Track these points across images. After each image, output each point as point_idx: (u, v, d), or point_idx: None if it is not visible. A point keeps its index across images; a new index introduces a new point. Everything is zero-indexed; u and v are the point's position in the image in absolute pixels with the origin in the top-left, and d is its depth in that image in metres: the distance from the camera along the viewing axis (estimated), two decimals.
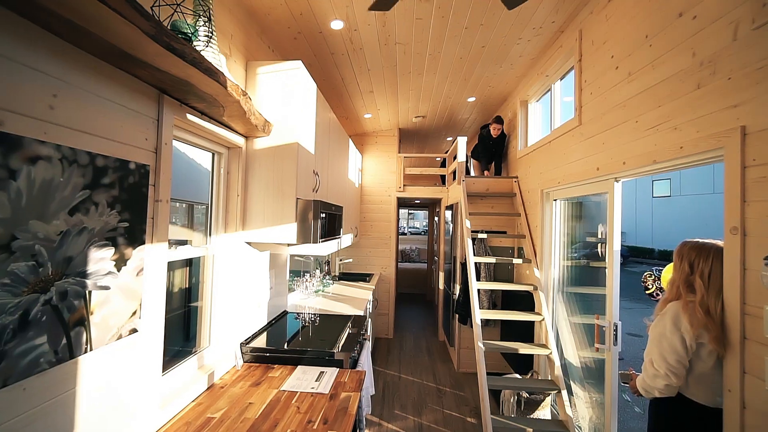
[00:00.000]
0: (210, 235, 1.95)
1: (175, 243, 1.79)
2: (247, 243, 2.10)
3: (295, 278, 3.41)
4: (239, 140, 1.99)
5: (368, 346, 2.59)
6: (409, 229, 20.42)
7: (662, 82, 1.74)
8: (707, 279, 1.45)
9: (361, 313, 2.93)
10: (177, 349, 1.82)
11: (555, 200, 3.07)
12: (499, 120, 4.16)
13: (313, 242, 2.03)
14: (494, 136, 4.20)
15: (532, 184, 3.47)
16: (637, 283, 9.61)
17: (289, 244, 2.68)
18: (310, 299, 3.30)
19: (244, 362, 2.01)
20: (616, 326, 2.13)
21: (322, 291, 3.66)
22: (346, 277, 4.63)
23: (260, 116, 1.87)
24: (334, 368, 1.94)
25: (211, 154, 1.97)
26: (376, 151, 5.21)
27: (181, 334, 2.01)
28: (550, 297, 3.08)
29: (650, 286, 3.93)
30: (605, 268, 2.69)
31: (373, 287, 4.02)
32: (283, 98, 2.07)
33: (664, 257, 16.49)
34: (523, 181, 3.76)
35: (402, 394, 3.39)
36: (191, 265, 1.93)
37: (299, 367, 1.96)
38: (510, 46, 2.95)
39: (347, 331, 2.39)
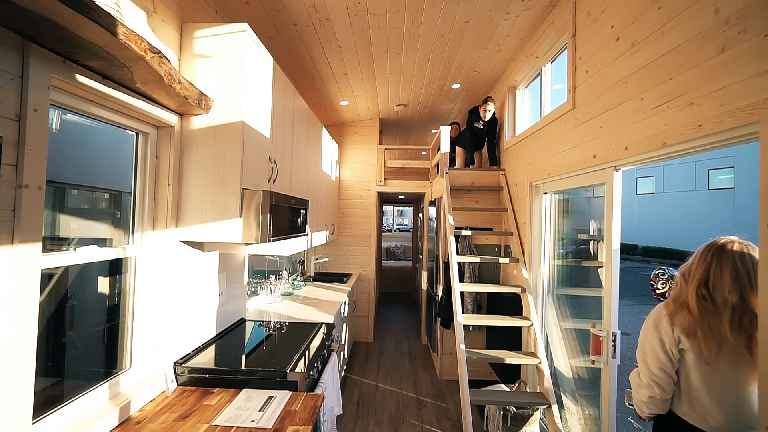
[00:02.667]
0: (132, 233, 1.59)
1: (94, 243, 1.44)
2: (183, 242, 1.75)
3: (261, 280, 3.07)
4: (170, 118, 1.63)
5: (335, 359, 2.27)
6: (398, 226, 20.15)
7: (674, 50, 1.46)
8: (689, 273, 1.28)
9: (331, 319, 2.60)
10: (91, 373, 1.47)
11: (545, 194, 2.80)
12: (488, 99, 3.72)
13: (262, 241, 1.70)
14: (484, 119, 3.75)
15: (520, 176, 3.20)
16: (624, 280, 9.53)
17: (236, 243, 2.34)
18: (276, 304, 2.96)
19: (178, 385, 1.67)
20: (615, 336, 1.86)
21: (292, 294, 3.32)
22: (322, 277, 4.30)
23: (191, 86, 1.52)
24: (287, 392, 1.62)
25: (135, 134, 1.62)
26: (356, 143, 4.87)
27: (98, 356, 1.65)
28: (539, 300, 2.82)
29: (660, 287, 3.68)
30: (600, 267, 2.44)
31: (349, 289, 3.70)
32: (226, 69, 1.72)
33: (648, 254, 16.69)
34: (510, 173, 3.48)
35: (378, 406, 3.09)
36: (124, 271, 1.58)
37: (244, 391, 1.63)
38: (496, 22, 2.65)
39: (311, 342, 2.07)
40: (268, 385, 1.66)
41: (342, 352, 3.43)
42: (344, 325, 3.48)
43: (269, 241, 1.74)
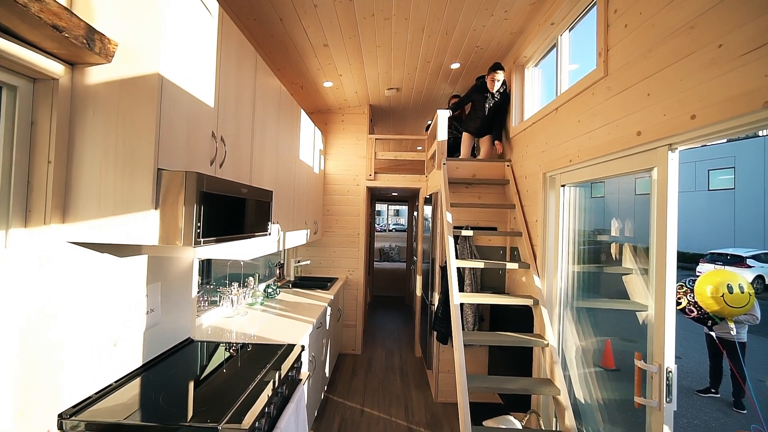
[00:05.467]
0: None
1: None
2: (75, 244, 1.25)
3: (222, 287, 2.57)
4: (52, 67, 1.14)
5: (301, 394, 1.78)
6: (394, 226, 19.64)
7: None
8: None
9: (301, 339, 2.11)
10: None
11: (563, 186, 2.33)
12: (496, 67, 3.06)
13: (186, 243, 1.21)
14: (492, 90, 3.12)
15: (530, 167, 2.72)
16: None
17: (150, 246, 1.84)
18: (239, 317, 2.46)
19: None
20: (671, 372, 1.38)
21: (261, 303, 2.82)
22: (303, 282, 3.80)
23: (67, 15, 1.02)
24: None
25: None
26: (343, 132, 4.37)
27: None
28: (555, 314, 2.34)
29: (681, 301, 3.23)
30: (626, 275, 2.00)
31: (332, 297, 3.21)
32: (139, 4, 1.22)
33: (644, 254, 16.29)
34: (517, 164, 3.01)
35: None
36: None
37: None
38: None
39: (269, 374, 1.58)
40: None
41: (323, 370, 2.94)
42: (324, 340, 2.99)
43: (199, 244, 1.25)
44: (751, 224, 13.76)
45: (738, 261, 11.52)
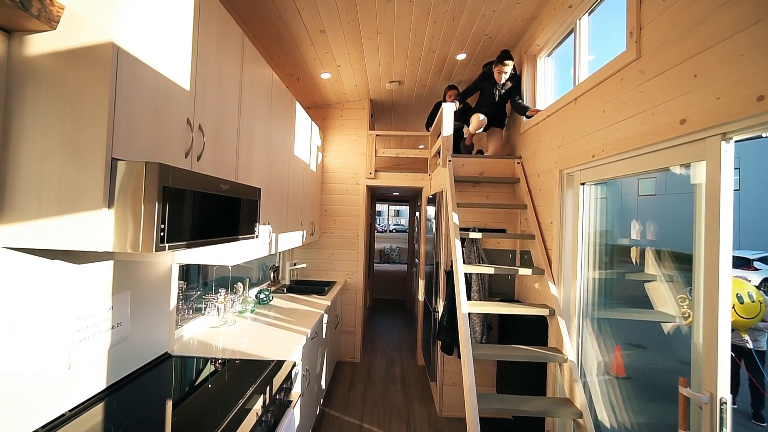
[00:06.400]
0: None
1: None
2: (11, 249, 1.04)
3: (208, 294, 2.36)
4: None
5: (291, 419, 1.56)
6: (394, 227, 19.39)
7: None
8: None
9: (293, 354, 1.89)
10: None
11: (583, 184, 2.11)
12: (505, 57, 2.77)
13: (145, 249, 1.00)
14: (499, 82, 2.87)
15: (543, 164, 2.51)
16: (631, 293, 8.87)
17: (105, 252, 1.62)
18: (225, 327, 2.25)
19: None
20: (725, 403, 1.17)
21: (252, 311, 2.60)
22: (299, 287, 3.58)
23: None
24: None
25: None
26: (342, 128, 4.16)
27: None
28: (573, 325, 2.13)
29: (687, 315, 2.99)
30: (649, 282, 1.81)
31: (329, 303, 2.99)
32: None
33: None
34: (529, 161, 2.79)
35: None
36: None
37: None
38: None
39: (252, 399, 1.36)
40: None
41: (319, 382, 2.73)
42: (321, 350, 2.78)
43: (162, 249, 1.03)
44: (756, 226, 13.55)
45: (744, 264, 11.30)
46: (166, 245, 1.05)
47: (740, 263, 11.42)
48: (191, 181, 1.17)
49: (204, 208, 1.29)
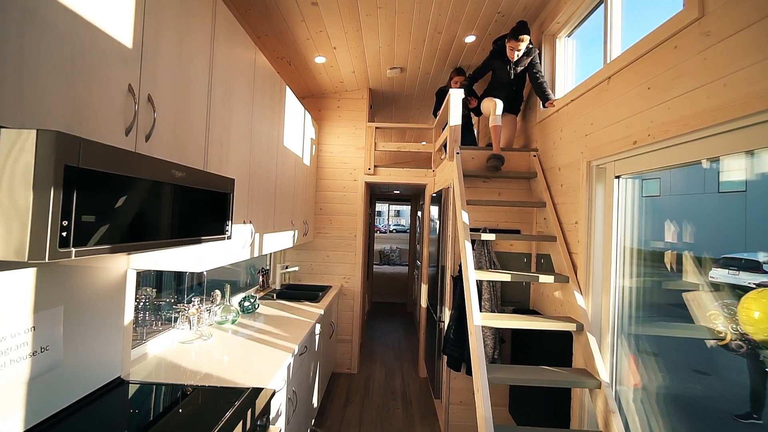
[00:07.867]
0: None
1: None
2: None
3: (179, 304, 2.05)
4: None
5: None
6: (395, 227, 19.04)
7: None
8: None
9: (272, 380, 1.58)
10: None
11: (618, 177, 1.80)
12: (522, 30, 2.39)
13: (33, 257, 0.70)
14: (512, 60, 2.52)
15: (566, 156, 2.20)
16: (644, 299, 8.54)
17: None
18: (199, 342, 1.94)
19: None
20: None
21: (234, 321, 2.29)
22: (290, 292, 3.27)
23: None
24: None
25: None
26: (339, 119, 3.85)
27: None
28: (606, 343, 1.81)
29: (724, 336, 2.46)
30: (689, 291, 1.54)
31: (321, 311, 2.68)
32: None
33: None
34: (547, 154, 2.48)
35: None
36: None
37: None
38: None
39: None
40: None
41: (310, 401, 2.42)
42: (312, 364, 2.47)
43: (68, 255, 0.72)
44: (763, 227, 13.27)
45: (754, 266, 10.98)
46: (72, 250, 0.74)
47: (749, 266, 11.12)
48: (121, 163, 0.86)
49: (149, 202, 0.98)
